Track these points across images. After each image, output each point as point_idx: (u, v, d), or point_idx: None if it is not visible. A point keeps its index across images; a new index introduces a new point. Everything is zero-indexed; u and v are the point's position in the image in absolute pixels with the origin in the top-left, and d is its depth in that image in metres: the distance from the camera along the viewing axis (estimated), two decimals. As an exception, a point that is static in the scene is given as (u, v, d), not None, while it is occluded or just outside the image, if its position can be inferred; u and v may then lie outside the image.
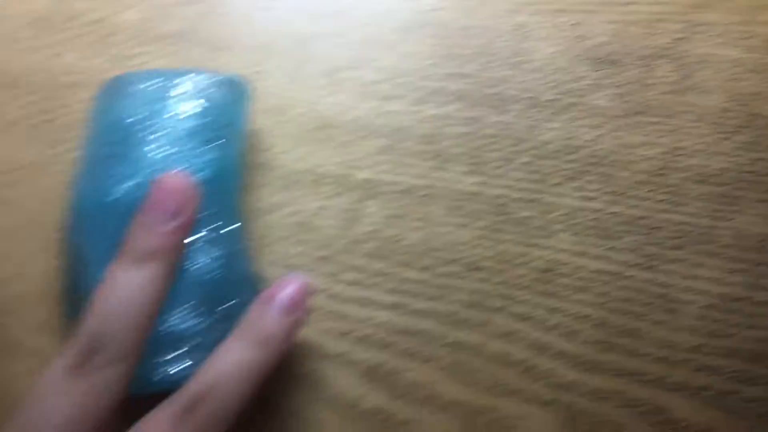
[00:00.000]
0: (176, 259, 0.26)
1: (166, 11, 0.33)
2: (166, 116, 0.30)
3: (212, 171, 0.29)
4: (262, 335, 0.26)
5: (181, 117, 0.30)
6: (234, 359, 0.25)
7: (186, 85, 0.30)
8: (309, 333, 0.32)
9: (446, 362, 0.32)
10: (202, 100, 0.30)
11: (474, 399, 0.31)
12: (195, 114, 0.30)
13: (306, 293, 0.27)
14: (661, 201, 0.34)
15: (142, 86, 0.30)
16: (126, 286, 0.25)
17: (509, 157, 0.34)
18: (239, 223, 0.31)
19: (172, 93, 0.30)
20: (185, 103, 0.30)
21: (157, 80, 0.30)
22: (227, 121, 0.30)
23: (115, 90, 0.30)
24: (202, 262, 0.29)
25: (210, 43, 0.32)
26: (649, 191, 0.34)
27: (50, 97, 0.31)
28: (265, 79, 0.31)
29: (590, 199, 0.34)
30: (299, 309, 0.27)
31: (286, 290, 0.27)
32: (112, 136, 0.30)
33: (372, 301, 0.33)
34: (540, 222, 0.34)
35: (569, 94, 0.35)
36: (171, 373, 0.27)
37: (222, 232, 0.30)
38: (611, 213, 0.34)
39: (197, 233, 0.29)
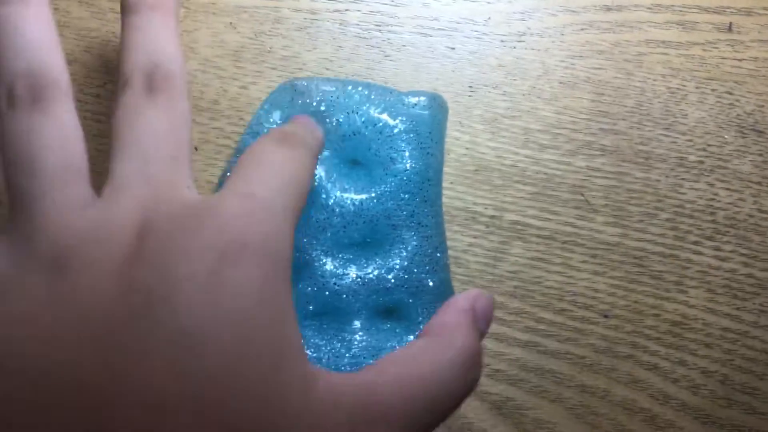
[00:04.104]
0: None
1: (348, 54, 0.35)
2: (378, 128, 0.32)
3: (420, 183, 0.32)
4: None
5: (391, 130, 0.32)
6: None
7: (389, 97, 0.32)
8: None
9: (572, 404, 0.34)
10: (403, 116, 0.32)
11: (599, 442, 0.33)
12: (403, 127, 0.32)
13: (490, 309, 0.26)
14: (793, 267, 0.36)
15: (341, 94, 0.32)
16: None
17: (651, 212, 0.36)
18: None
19: (378, 105, 0.32)
20: (390, 113, 0.32)
21: (357, 89, 0.32)
22: (430, 135, 0.32)
23: (311, 92, 0.32)
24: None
25: (389, 85, 0.34)
26: (781, 256, 0.36)
27: (242, 121, 0.34)
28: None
29: (725, 259, 0.36)
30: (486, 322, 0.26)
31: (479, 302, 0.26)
32: (337, 143, 0.32)
33: (508, 337, 0.35)
34: (675, 277, 0.35)
35: (714, 158, 0.36)
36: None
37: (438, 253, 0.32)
38: (743, 274, 0.36)
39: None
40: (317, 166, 0.31)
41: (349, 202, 0.32)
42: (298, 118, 0.30)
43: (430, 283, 0.32)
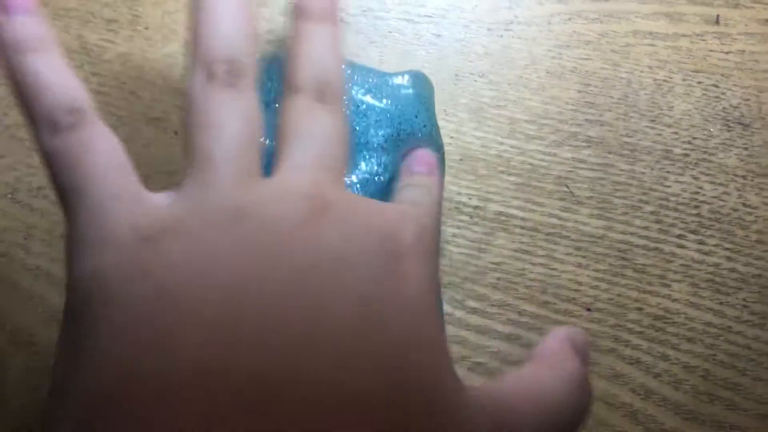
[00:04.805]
0: None
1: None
2: (362, 110, 0.31)
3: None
4: None
5: (374, 109, 0.32)
6: None
7: (372, 78, 0.32)
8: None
9: (555, 395, 0.34)
10: (388, 98, 0.32)
11: (580, 436, 0.33)
12: (385, 107, 0.32)
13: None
14: (776, 262, 0.35)
15: None
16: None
17: (636, 205, 0.35)
18: None
19: (362, 86, 0.32)
20: (374, 94, 0.32)
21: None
22: (416, 116, 0.32)
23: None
24: None
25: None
26: (764, 251, 0.36)
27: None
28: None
29: (709, 253, 0.36)
30: None
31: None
32: None
33: (489, 329, 0.34)
34: (658, 271, 0.35)
35: (699, 151, 0.36)
36: None
37: None
38: (727, 269, 0.35)
39: None
40: None
41: None
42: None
43: None
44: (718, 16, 0.37)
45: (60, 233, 0.34)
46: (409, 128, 0.32)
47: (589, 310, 0.35)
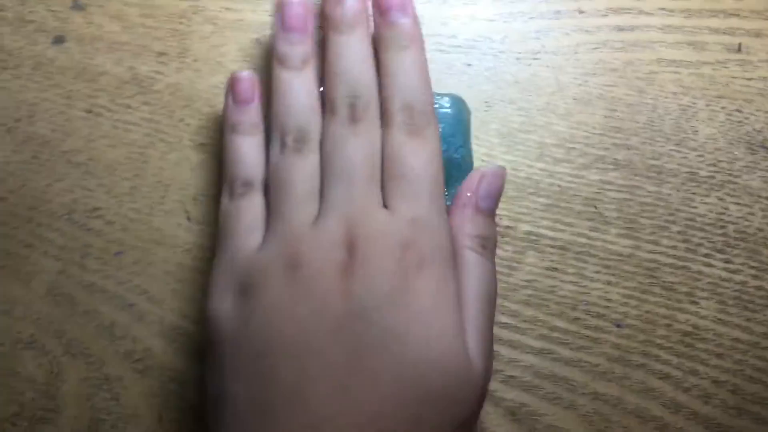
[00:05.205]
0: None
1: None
2: None
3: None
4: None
5: None
6: None
7: None
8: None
9: (585, 411, 0.35)
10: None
11: (611, 448, 0.34)
12: None
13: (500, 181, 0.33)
14: (802, 281, 0.36)
15: None
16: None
17: (663, 225, 0.37)
18: None
19: None
20: None
21: None
22: (453, 135, 0.34)
23: None
24: None
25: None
26: (791, 270, 0.37)
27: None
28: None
29: (735, 271, 0.37)
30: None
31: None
32: None
33: (522, 344, 0.36)
34: (686, 288, 0.36)
35: (724, 173, 0.37)
36: None
37: None
38: (754, 286, 0.36)
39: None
40: None
41: None
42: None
43: None
44: (740, 44, 0.39)
45: (113, 251, 0.36)
46: (446, 146, 0.33)
47: (619, 326, 0.36)
